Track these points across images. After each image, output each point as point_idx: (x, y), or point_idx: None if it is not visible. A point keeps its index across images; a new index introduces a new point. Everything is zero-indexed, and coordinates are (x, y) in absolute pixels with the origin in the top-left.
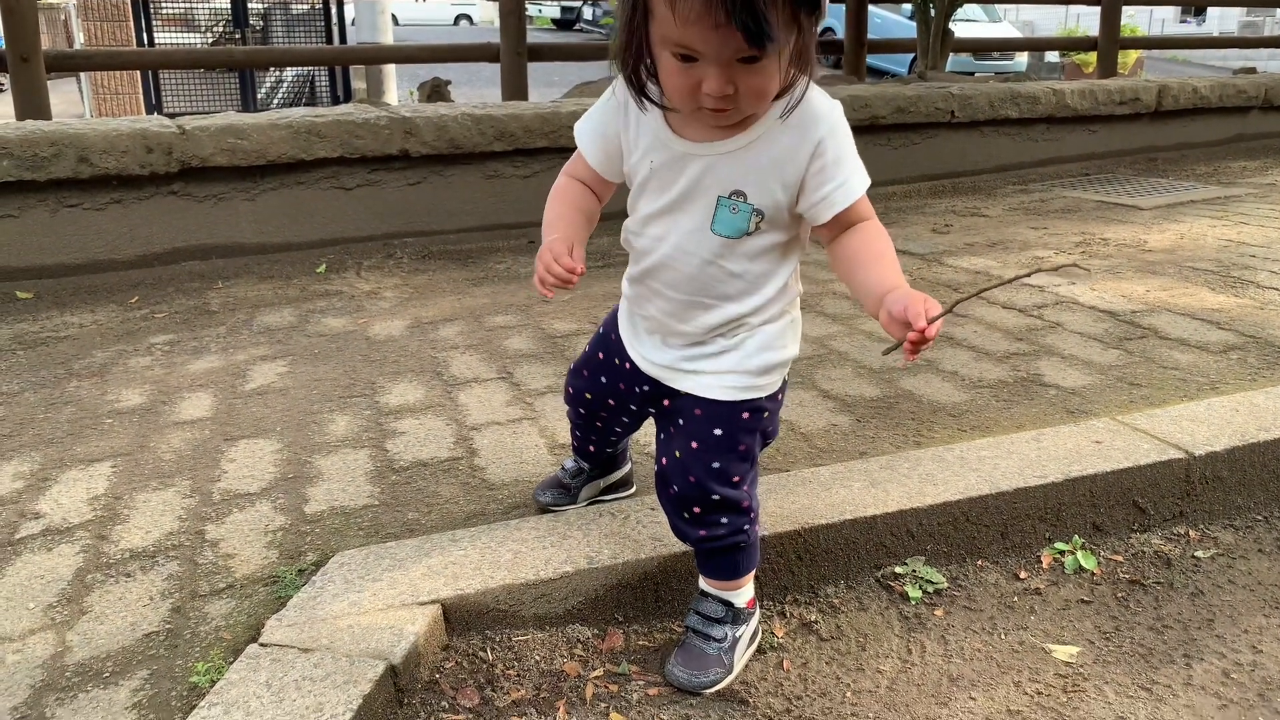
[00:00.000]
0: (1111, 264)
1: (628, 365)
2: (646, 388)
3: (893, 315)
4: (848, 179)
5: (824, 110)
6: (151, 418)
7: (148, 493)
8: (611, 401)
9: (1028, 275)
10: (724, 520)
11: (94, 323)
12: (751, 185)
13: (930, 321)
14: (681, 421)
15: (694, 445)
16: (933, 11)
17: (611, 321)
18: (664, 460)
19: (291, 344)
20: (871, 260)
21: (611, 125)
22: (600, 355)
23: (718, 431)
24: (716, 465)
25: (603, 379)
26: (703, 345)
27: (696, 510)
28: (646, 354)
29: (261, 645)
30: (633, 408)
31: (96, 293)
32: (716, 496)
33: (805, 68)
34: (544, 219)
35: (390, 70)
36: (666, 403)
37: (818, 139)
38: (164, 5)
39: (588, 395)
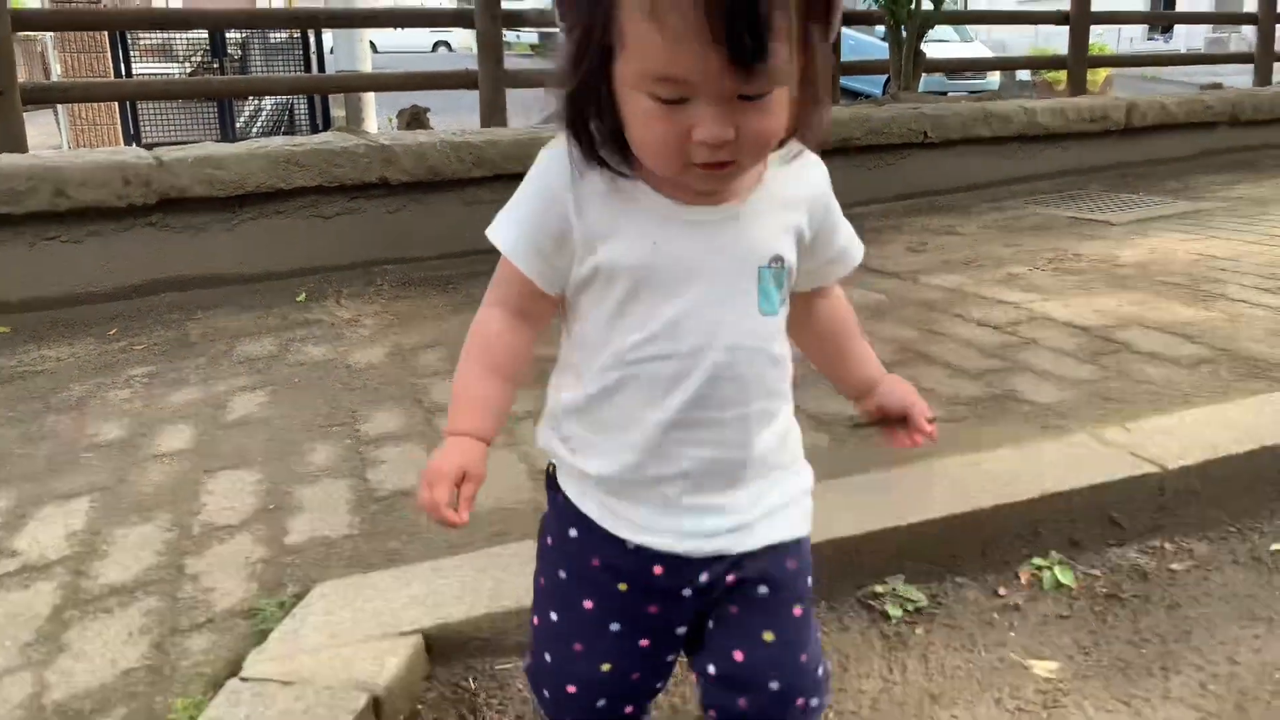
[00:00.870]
0: (1084, 279)
1: (657, 571)
2: (704, 577)
3: (887, 408)
4: (849, 230)
5: (816, 160)
6: (130, 451)
7: (126, 527)
8: (645, 645)
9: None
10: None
11: (72, 356)
12: (784, 245)
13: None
14: (765, 590)
15: (796, 612)
16: (904, 34)
17: (566, 548)
18: (739, 654)
19: (272, 374)
20: (849, 337)
21: (554, 214)
22: (590, 601)
23: (810, 579)
24: (816, 629)
25: (617, 627)
26: (763, 471)
27: (803, 703)
28: (694, 527)
29: (242, 679)
30: (680, 631)
31: (74, 326)
32: (822, 670)
33: (819, 98)
34: (454, 384)
35: (369, 97)
36: (731, 578)
37: (820, 179)
38: (141, 36)
39: (604, 669)
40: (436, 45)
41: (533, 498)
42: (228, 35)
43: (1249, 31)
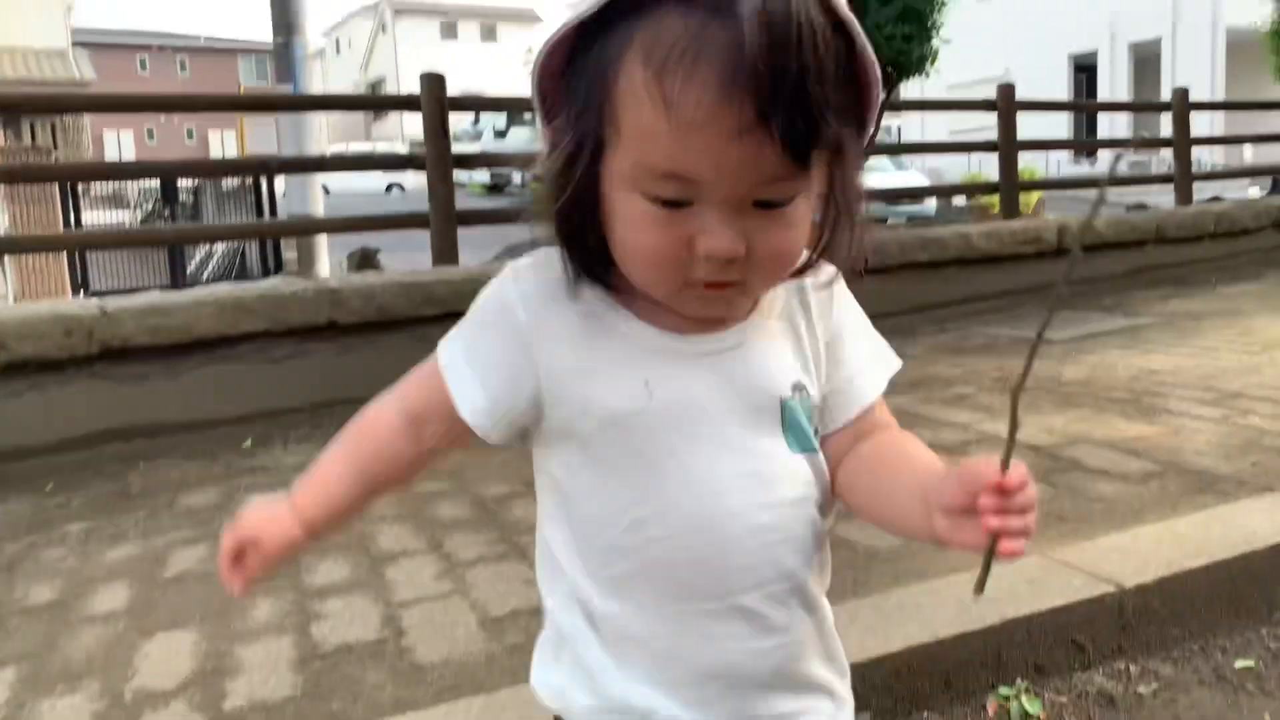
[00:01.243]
0: (1030, 398)
1: None
2: None
3: (948, 503)
4: (878, 343)
5: (837, 277)
6: (62, 614)
7: (53, 698)
8: None
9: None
10: None
11: (5, 514)
12: (801, 369)
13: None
14: None
15: None
16: None
17: None
18: None
19: (214, 525)
20: (904, 458)
21: (511, 345)
22: None
23: None
24: None
25: None
26: (803, 684)
27: None
28: None
29: None
30: None
31: (10, 482)
32: None
33: (853, 210)
34: (321, 454)
35: (321, 239)
36: None
37: (838, 311)
38: (92, 187)
39: None
40: (390, 187)
41: (485, 649)
42: (180, 182)
43: (1167, 154)
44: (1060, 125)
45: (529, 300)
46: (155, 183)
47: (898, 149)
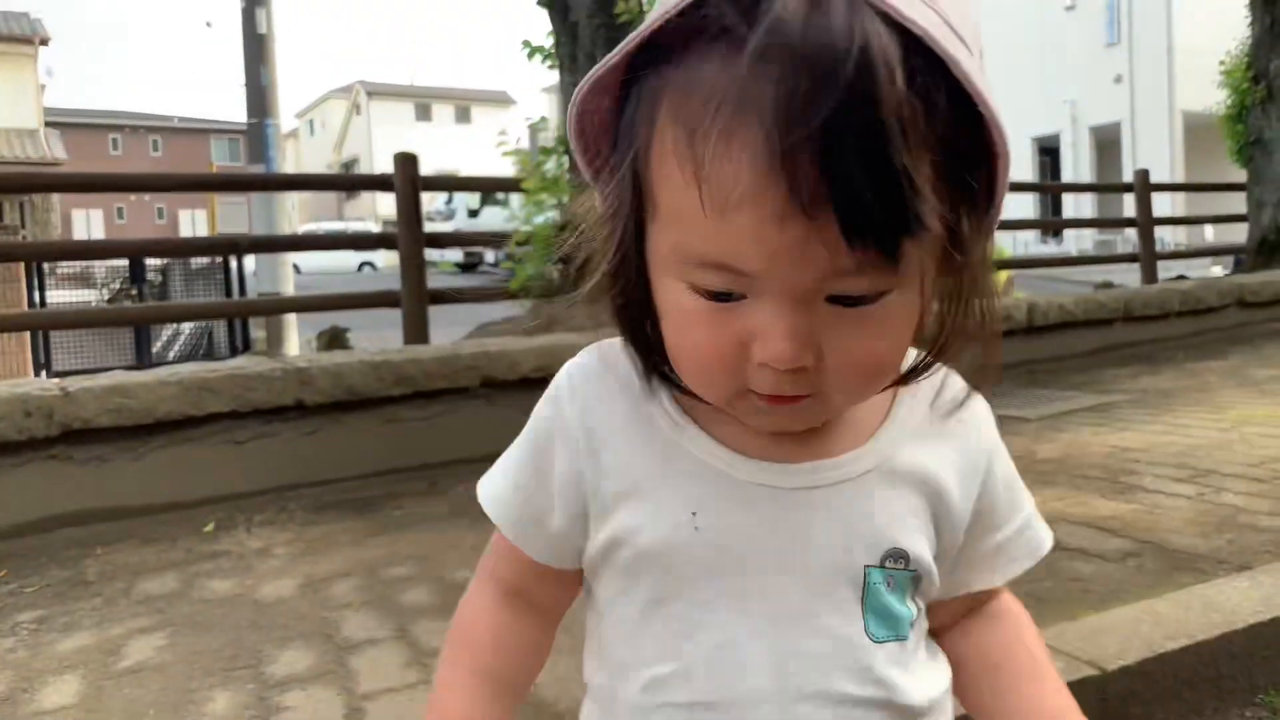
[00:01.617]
0: None
1: None
2: None
3: None
4: (1029, 519)
5: (978, 400)
6: (7, 710)
7: None
8: None
9: None
10: None
11: None
12: (909, 533)
13: None
14: None
15: None
16: None
17: None
18: None
19: (172, 613)
20: (1016, 676)
21: (559, 454)
22: None
23: None
24: None
25: None
26: None
27: None
28: None
29: None
30: None
31: None
32: None
33: (970, 304)
34: (432, 691)
35: (291, 318)
36: None
37: (984, 449)
38: (59, 265)
39: None
40: (362, 266)
41: None
42: (148, 261)
43: (1132, 234)
44: (1026, 205)
45: (581, 403)
46: (124, 261)
47: None
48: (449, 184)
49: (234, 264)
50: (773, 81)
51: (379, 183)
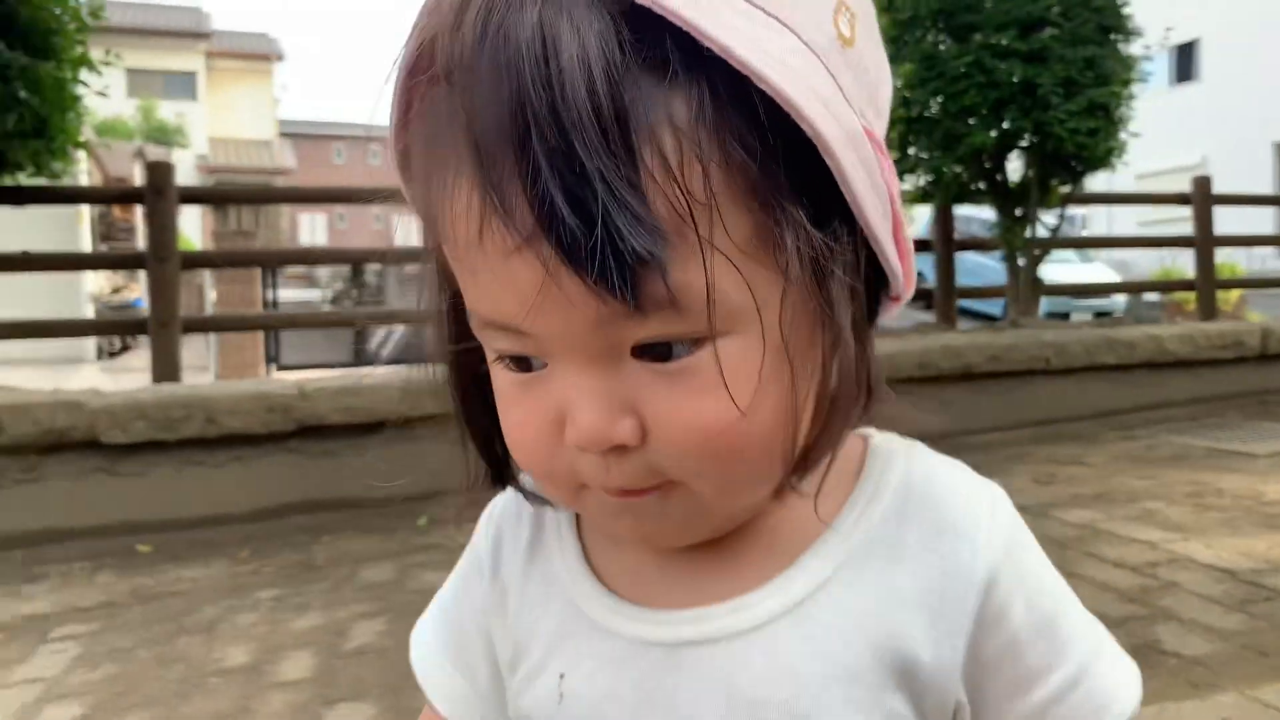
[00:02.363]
0: (1228, 517)
1: None
2: None
3: None
4: (1085, 669)
5: (975, 498)
6: (254, 677)
7: None
8: None
9: None
10: None
11: (206, 577)
12: (837, 707)
13: None
14: None
15: None
16: (1021, 261)
17: None
18: None
19: (390, 600)
20: None
21: (473, 597)
22: None
23: None
24: None
25: None
26: None
27: None
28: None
29: None
30: None
31: (211, 546)
32: None
33: (864, 387)
34: None
35: None
36: None
37: (982, 568)
38: (288, 266)
39: None
40: None
41: None
42: (367, 265)
43: None
44: (1265, 219)
45: (497, 533)
46: (345, 266)
47: (1081, 242)
48: None
49: None
50: (464, 109)
51: None
